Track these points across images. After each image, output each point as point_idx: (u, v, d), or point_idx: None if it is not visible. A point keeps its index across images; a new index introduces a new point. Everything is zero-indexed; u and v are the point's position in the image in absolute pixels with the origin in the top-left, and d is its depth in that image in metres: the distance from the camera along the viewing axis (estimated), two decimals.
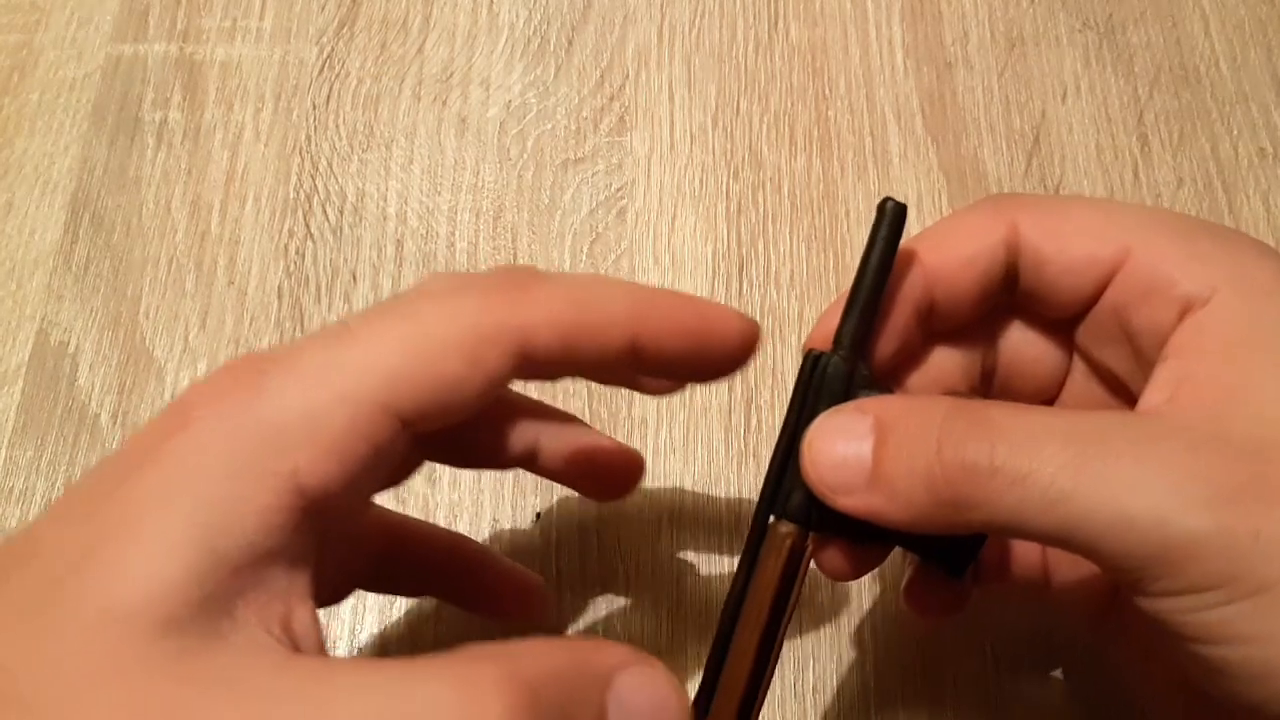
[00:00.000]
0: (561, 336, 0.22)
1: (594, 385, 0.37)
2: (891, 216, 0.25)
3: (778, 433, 0.26)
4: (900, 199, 0.26)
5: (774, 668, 0.26)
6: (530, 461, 0.28)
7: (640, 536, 0.35)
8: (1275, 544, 0.20)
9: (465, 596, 0.31)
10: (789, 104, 0.42)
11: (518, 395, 0.28)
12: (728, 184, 0.41)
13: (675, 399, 0.37)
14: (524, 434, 0.27)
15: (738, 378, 0.37)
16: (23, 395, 0.37)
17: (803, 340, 0.38)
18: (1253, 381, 0.22)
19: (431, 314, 0.22)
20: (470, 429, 0.26)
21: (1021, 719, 0.33)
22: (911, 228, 0.41)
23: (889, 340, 0.26)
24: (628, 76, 0.43)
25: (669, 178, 0.41)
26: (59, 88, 0.42)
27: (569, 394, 0.37)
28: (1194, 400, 0.23)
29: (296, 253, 0.39)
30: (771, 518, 0.26)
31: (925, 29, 0.44)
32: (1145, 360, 0.25)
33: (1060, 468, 0.21)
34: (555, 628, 0.34)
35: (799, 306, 0.39)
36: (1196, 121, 0.42)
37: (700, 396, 0.37)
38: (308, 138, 0.41)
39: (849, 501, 0.24)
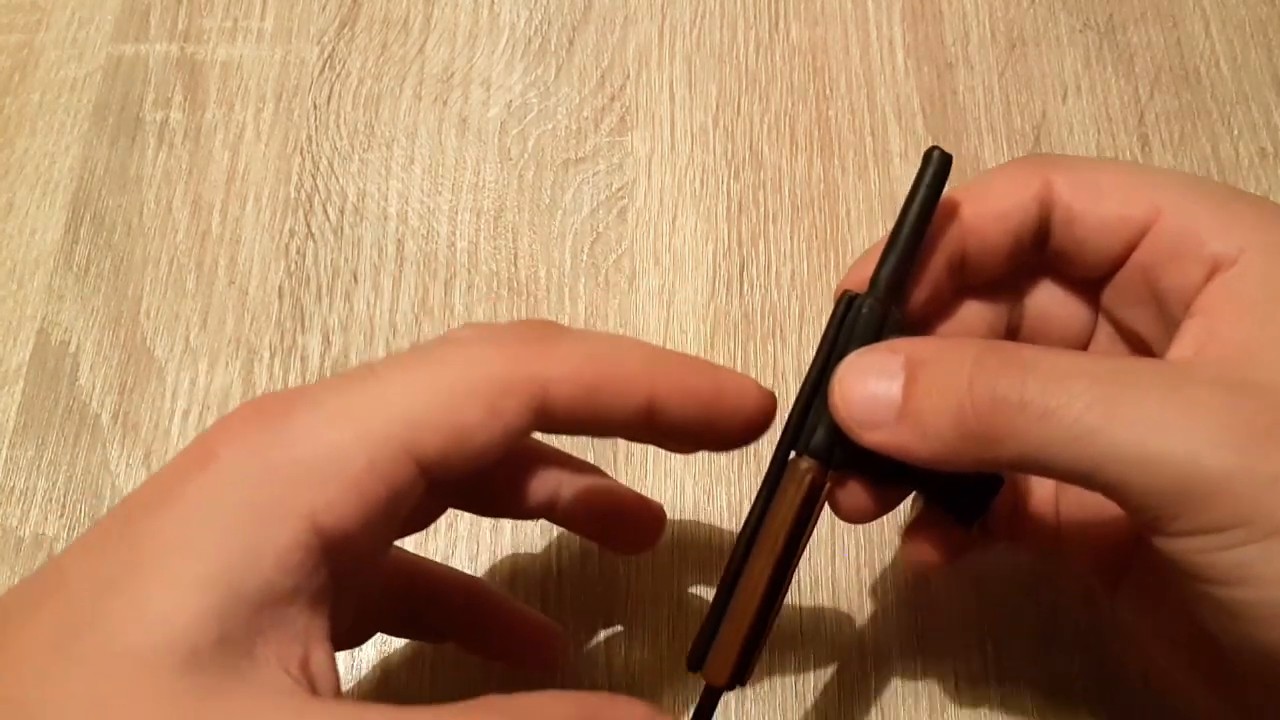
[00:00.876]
0: (581, 391, 0.23)
1: None
2: (937, 164, 0.25)
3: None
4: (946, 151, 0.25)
5: (782, 602, 0.26)
6: (550, 511, 0.28)
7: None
8: None
9: (483, 643, 0.31)
10: (789, 104, 0.42)
11: (540, 444, 0.29)
12: (728, 184, 0.41)
13: None
14: (545, 483, 0.28)
15: None
16: (23, 395, 0.37)
17: (802, 340, 0.38)
18: (1278, 337, 0.23)
19: (455, 361, 0.22)
20: (491, 477, 0.26)
21: (1021, 717, 0.33)
22: None
23: (922, 288, 0.27)
24: (628, 76, 0.43)
25: (669, 177, 0.41)
26: (60, 88, 0.42)
27: None
28: (1220, 353, 0.23)
29: (297, 252, 0.39)
30: (793, 454, 0.26)
31: (926, 29, 0.44)
32: (1171, 321, 0.25)
33: (1089, 404, 0.21)
34: (557, 622, 0.34)
35: (799, 306, 0.39)
36: (1197, 122, 0.42)
37: None
38: (309, 137, 0.41)
39: (877, 437, 0.24)
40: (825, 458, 0.26)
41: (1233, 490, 0.21)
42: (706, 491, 0.36)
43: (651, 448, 0.36)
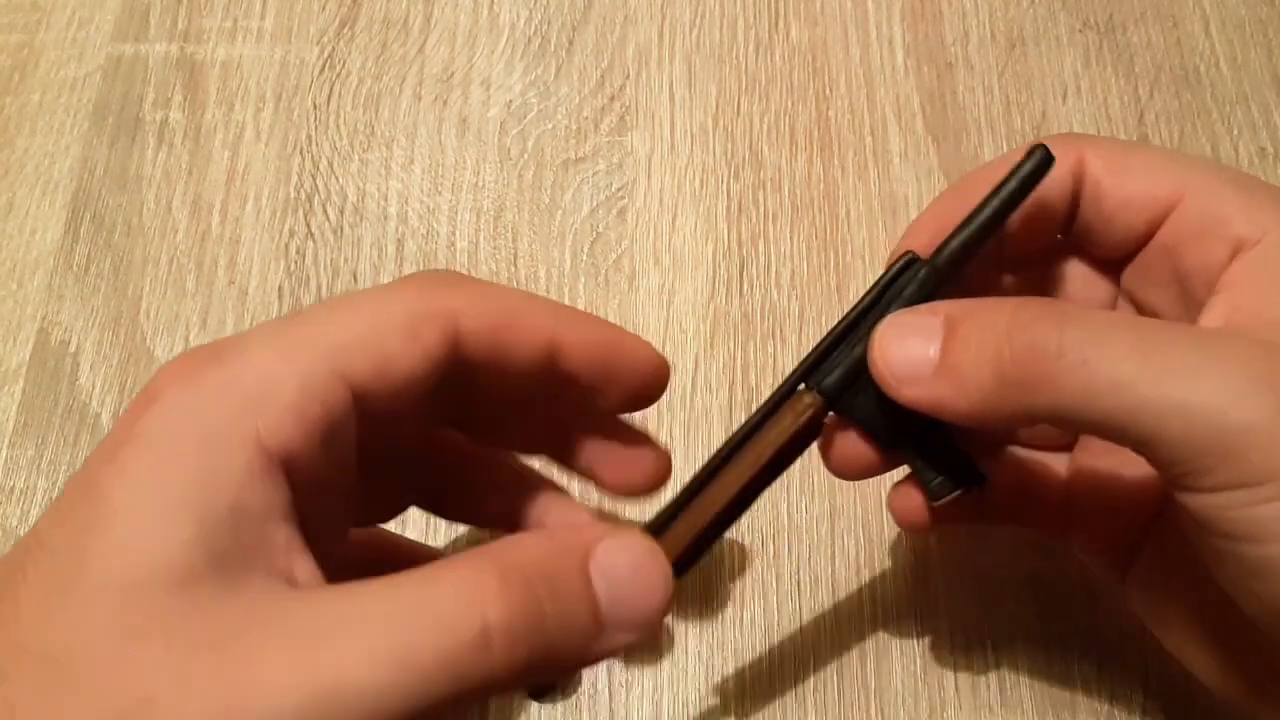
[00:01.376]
0: (489, 326, 0.24)
1: None
2: (1038, 161, 0.26)
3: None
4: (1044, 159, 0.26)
5: (739, 517, 0.26)
6: (506, 521, 0.29)
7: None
8: None
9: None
10: (789, 104, 0.42)
11: (498, 455, 0.29)
12: (728, 184, 0.41)
13: (675, 400, 0.37)
14: (504, 491, 0.29)
15: (738, 378, 0.37)
16: (23, 394, 0.37)
17: (802, 340, 0.38)
18: None
19: (375, 297, 0.24)
20: (450, 473, 0.28)
21: (1021, 717, 0.33)
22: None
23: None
24: (628, 76, 0.43)
25: (669, 177, 0.41)
26: (60, 87, 0.42)
27: None
28: (1247, 323, 0.24)
29: (297, 252, 0.39)
30: (802, 386, 0.27)
31: (926, 29, 0.44)
32: (1193, 301, 0.26)
33: (1126, 354, 0.22)
34: None
35: (799, 306, 0.39)
36: (1197, 121, 0.42)
37: (701, 398, 0.37)
38: (308, 137, 0.41)
39: (915, 392, 0.24)
40: (834, 398, 0.26)
41: (1265, 443, 0.21)
42: None
43: None
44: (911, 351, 0.25)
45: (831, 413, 0.27)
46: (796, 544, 0.35)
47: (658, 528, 0.26)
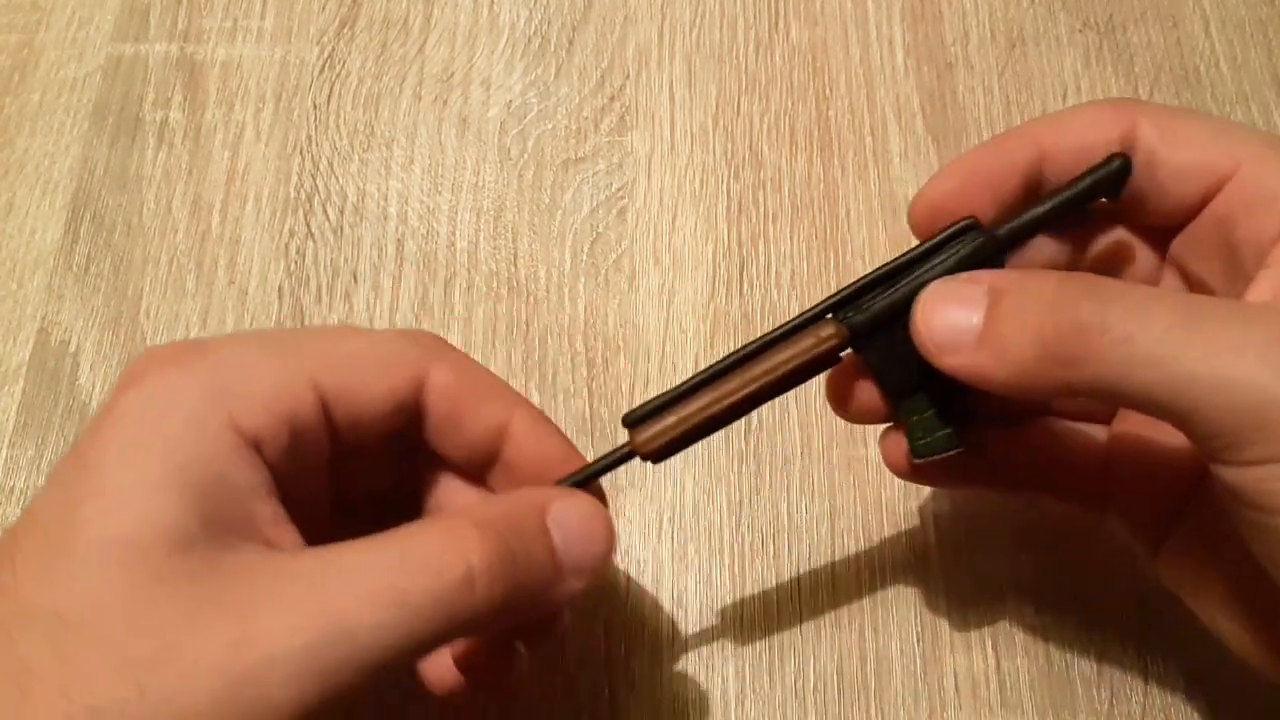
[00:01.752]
0: (454, 395, 0.26)
1: (594, 385, 0.37)
2: (1116, 169, 0.26)
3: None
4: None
5: (732, 422, 0.27)
6: None
7: (641, 536, 0.35)
8: None
9: None
10: (789, 104, 0.42)
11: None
12: (728, 184, 0.41)
13: None
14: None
15: None
16: (23, 394, 0.37)
17: None
18: None
19: (363, 333, 0.27)
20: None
21: (1021, 717, 0.33)
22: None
23: (994, 206, 0.27)
24: (628, 76, 0.43)
25: (669, 177, 0.41)
26: (60, 87, 0.42)
27: (570, 394, 0.37)
28: None
29: (297, 252, 0.39)
30: (829, 316, 0.27)
31: (926, 29, 0.44)
32: (1242, 274, 0.26)
33: (1168, 329, 0.22)
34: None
35: (799, 306, 0.38)
36: None
37: None
38: (308, 137, 0.41)
39: (955, 360, 0.25)
40: (856, 335, 0.27)
41: None
42: (706, 491, 0.36)
43: None
44: (955, 319, 0.25)
45: (849, 350, 0.27)
46: (796, 544, 0.35)
47: (643, 416, 0.27)
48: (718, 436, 0.36)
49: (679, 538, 0.35)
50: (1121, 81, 0.43)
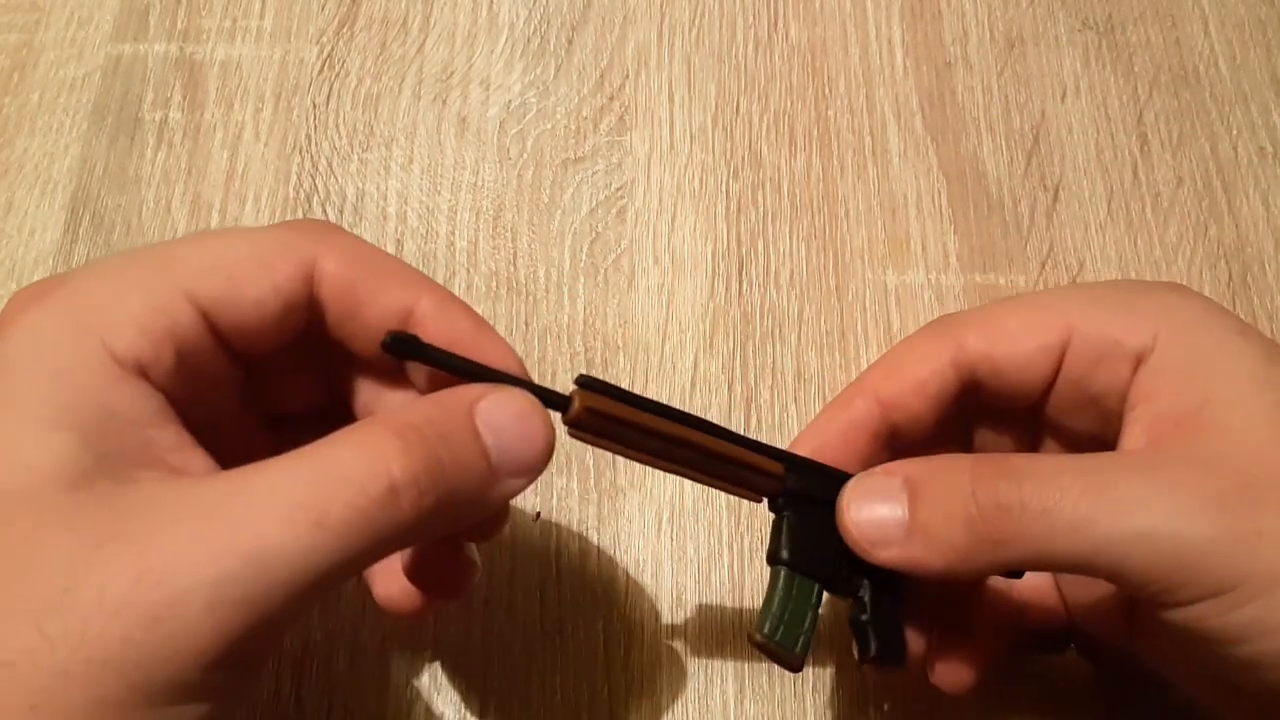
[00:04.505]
0: (347, 279, 0.24)
1: None
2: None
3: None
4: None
5: (653, 456, 0.26)
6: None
7: (640, 536, 0.35)
8: (1278, 537, 0.22)
9: None
10: (789, 103, 0.42)
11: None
12: (727, 183, 0.41)
13: (674, 398, 0.37)
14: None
15: (738, 376, 0.37)
16: None
17: (801, 339, 0.38)
18: (1212, 400, 0.25)
19: (237, 232, 0.25)
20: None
21: (1020, 716, 0.33)
22: (910, 226, 0.41)
23: (857, 463, 0.28)
24: (627, 76, 0.43)
25: (669, 177, 0.41)
26: (59, 87, 0.42)
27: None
28: (1168, 433, 0.25)
29: None
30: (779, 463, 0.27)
31: (925, 28, 0.44)
32: (1113, 416, 0.27)
33: (1079, 496, 0.23)
34: (557, 622, 0.34)
35: (799, 306, 0.39)
36: (1196, 121, 0.42)
37: (700, 396, 0.37)
38: (308, 137, 0.41)
39: (889, 554, 0.26)
40: (790, 488, 0.27)
41: (1221, 553, 0.23)
42: (706, 492, 0.36)
43: None
44: (879, 513, 0.26)
45: (781, 502, 0.27)
46: None
47: (597, 387, 0.25)
48: None
49: (679, 537, 0.35)
50: (1120, 81, 0.43)
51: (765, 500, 0.28)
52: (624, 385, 0.37)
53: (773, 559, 0.27)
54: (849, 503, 0.26)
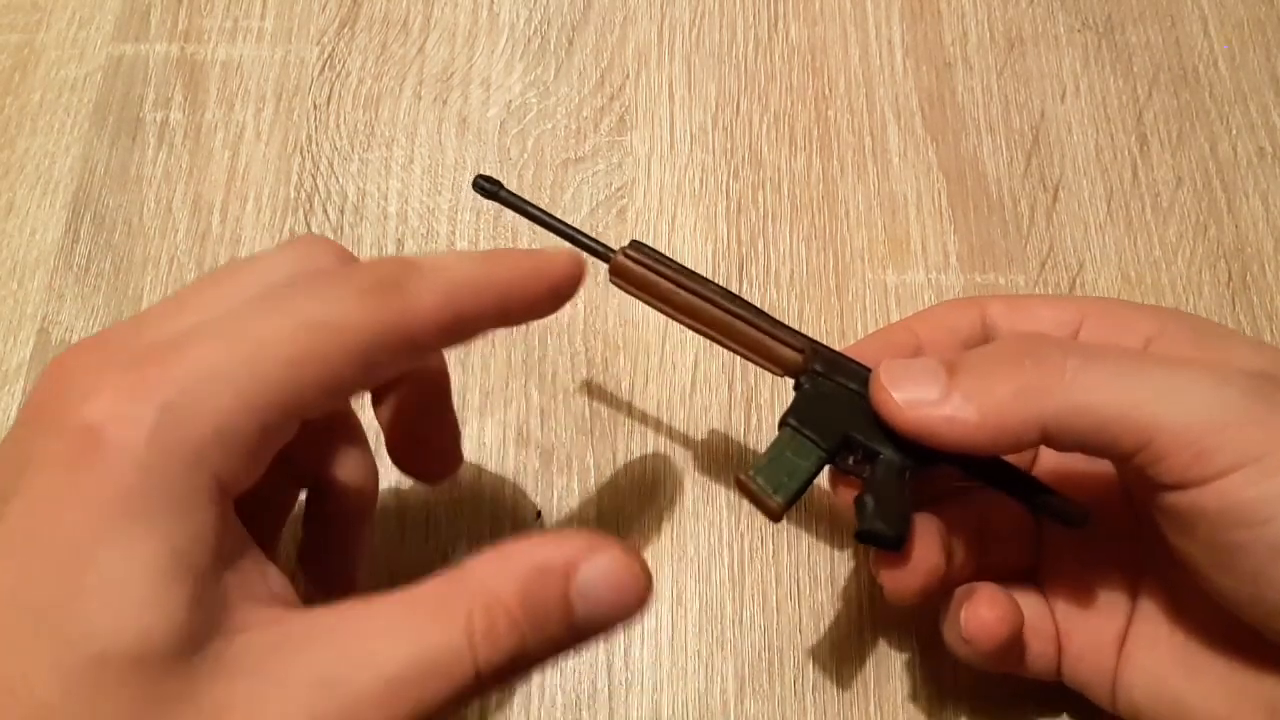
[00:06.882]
0: (442, 327, 0.23)
1: (594, 384, 0.37)
2: (1069, 517, 0.29)
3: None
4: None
5: (679, 314, 0.30)
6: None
7: (640, 536, 0.35)
8: None
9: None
10: (789, 103, 0.42)
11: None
12: (727, 183, 0.41)
13: (674, 397, 0.37)
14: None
15: (738, 375, 0.37)
16: (23, 394, 0.37)
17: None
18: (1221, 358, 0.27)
19: (318, 313, 0.22)
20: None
21: (1020, 715, 0.33)
22: (910, 226, 0.41)
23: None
24: (628, 76, 0.43)
25: (669, 177, 0.41)
26: (60, 87, 0.42)
27: (569, 393, 0.37)
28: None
29: None
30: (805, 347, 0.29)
31: (925, 29, 0.44)
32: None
33: (1125, 364, 0.25)
34: None
35: (799, 306, 0.39)
36: (1195, 121, 0.42)
37: (700, 396, 0.37)
38: (308, 137, 0.41)
39: (921, 414, 0.27)
40: (812, 362, 0.29)
41: (1257, 417, 0.24)
42: (706, 491, 0.36)
43: (651, 447, 0.36)
44: (915, 371, 0.27)
45: (802, 378, 0.29)
46: (796, 544, 0.35)
47: (645, 250, 0.30)
48: (718, 434, 0.36)
49: (679, 537, 0.35)
50: (1120, 81, 0.43)
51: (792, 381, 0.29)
52: (624, 385, 0.37)
53: (782, 421, 0.28)
54: (884, 368, 0.27)
